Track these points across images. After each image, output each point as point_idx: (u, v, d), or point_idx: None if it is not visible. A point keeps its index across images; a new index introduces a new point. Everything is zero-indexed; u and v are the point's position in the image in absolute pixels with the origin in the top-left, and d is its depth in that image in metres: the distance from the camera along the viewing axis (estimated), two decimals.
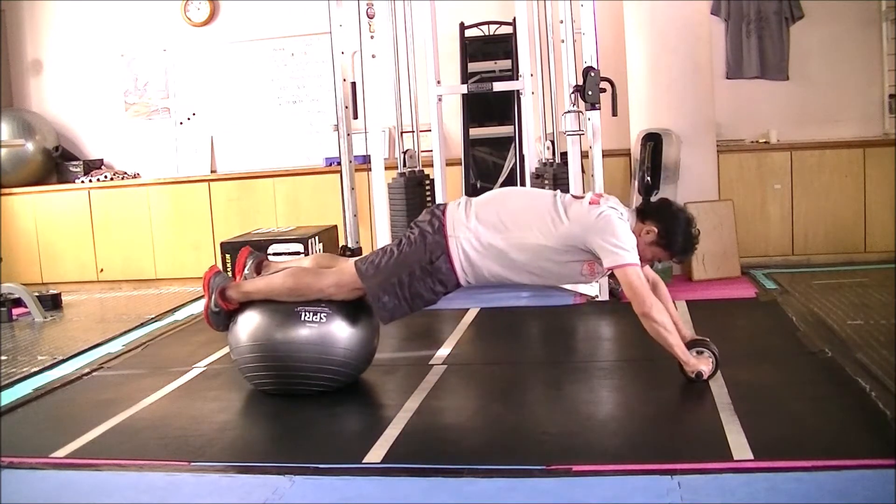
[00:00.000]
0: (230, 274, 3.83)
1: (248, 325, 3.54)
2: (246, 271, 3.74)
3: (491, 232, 3.38)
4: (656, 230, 3.40)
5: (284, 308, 3.47)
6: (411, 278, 3.39)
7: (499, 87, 5.83)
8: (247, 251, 3.83)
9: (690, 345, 3.47)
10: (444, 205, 3.55)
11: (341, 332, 3.48)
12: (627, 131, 5.91)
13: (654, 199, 5.53)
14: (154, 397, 3.69)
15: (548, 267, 3.41)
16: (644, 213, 3.47)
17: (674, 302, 4.90)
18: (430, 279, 3.40)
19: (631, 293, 3.32)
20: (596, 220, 3.32)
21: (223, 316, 3.63)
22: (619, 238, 3.29)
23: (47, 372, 4.24)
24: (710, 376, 3.42)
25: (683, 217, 3.51)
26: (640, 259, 3.40)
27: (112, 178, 6.92)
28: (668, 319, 3.37)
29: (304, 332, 3.44)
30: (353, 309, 3.53)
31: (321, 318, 3.45)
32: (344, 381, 3.56)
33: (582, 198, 3.48)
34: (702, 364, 3.39)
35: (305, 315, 3.44)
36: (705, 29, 5.76)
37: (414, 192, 5.73)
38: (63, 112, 7.27)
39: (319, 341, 3.45)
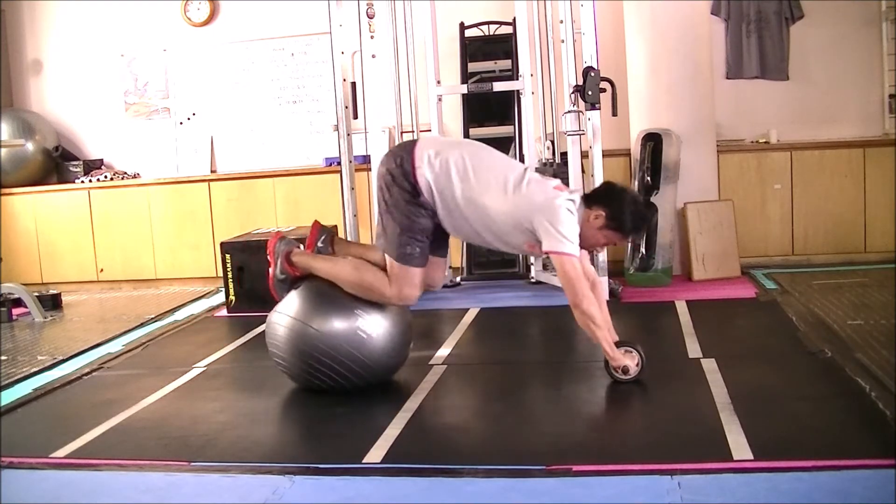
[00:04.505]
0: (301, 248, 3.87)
1: (293, 306, 3.53)
2: (320, 244, 3.75)
3: (453, 175, 3.41)
4: (604, 213, 3.43)
5: (344, 307, 3.48)
6: (410, 219, 3.43)
7: (499, 87, 5.83)
8: (318, 224, 3.85)
9: (619, 344, 3.52)
10: (415, 141, 3.56)
11: (379, 345, 3.50)
12: (627, 131, 5.91)
13: (653, 198, 5.55)
14: (154, 397, 3.69)
15: (488, 227, 3.44)
16: (589, 199, 3.49)
17: (674, 302, 4.95)
18: (415, 206, 3.43)
19: (565, 282, 3.38)
20: (549, 203, 3.36)
21: (288, 283, 3.64)
22: (564, 227, 3.33)
23: (47, 372, 4.24)
24: (636, 377, 3.47)
25: (629, 196, 3.54)
26: (595, 244, 3.51)
27: (112, 178, 6.92)
28: (599, 314, 3.43)
29: (347, 333, 3.45)
30: (398, 324, 3.57)
31: (372, 334, 3.47)
32: (362, 385, 3.56)
33: (550, 180, 3.53)
34: (627, 360, 3.46)
35: (362, 325, 3.46)
36: (705, 29, 5.77)
37: None
38: (63, 112, 7.26)
39: (357, 347, 3.46)
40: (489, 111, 6.17)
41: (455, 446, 3.03)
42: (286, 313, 3.53)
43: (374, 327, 3.49)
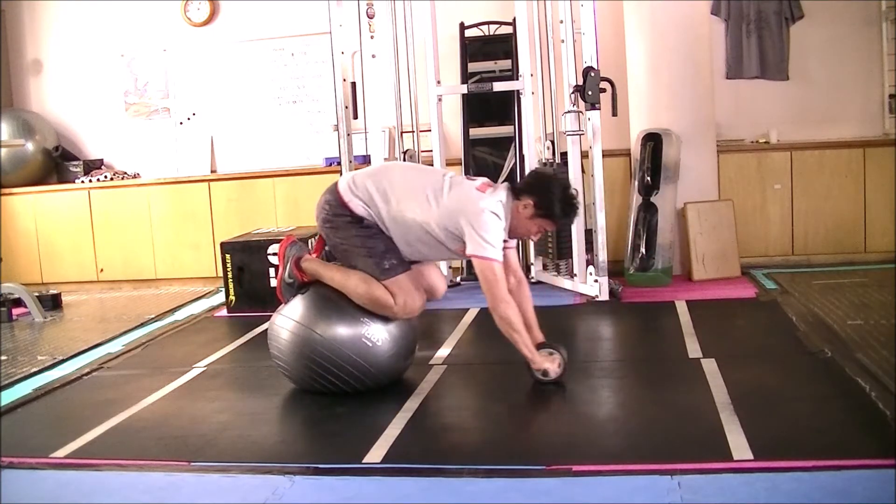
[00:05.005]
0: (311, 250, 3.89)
1: (298, 310, 3.54)
2: (328, 248, 3.77)
3: (376, 200, 3.48)
4: (532, 202, 3.44)
5: (348, 311, 3.48)
6: (369, 244, 3.50)
7: (499, 87, 5.83)
8: None
9: (542, 346, 3.57)
10: (335, 183, 3.63)
11: (384, 352, 3.50)
12: (627, 131, 5.91)
13: (653, 198, 5.55)
14: (154, 397, 3.69)
15: (423, 240, 3.48)
16: (517, 191, 3.50)
17: (674, 302, 4.95)
18: (365, 230, 3.50)
19: (484, 286, 3.41)
20: (473, 206, 3.38)
21: (295, 288, 3.66)
22: (489, 233, 3.36)
23: (47, 372, 4.24)
24: (559, 379, 3.52)
25: (557, 183, 3.56)
26: (527, 233, 3.52)
27: (112, 178, 6.92)
28: (517, 318, 3.46)
29: (351, 340, 3.45)
30: (401, 331, 3.57)
31: (378, 341, 3.48)
32: (363, 389, 3.55)
33: (473, 180, 3.56)
34: (547, 363, 3.50)
35: (368, 333, 3.46)
36: (705, 29, 5.76)
37: None
38: (63, 112, 7.26)
39: (360, 353, 3.46)
40: (489, 111, 6.17)
41: (455, 446, 3.03)
42: (290, 317, 3.53)
43: (380, 334, 3.49)
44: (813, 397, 3.22)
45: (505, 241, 3.51)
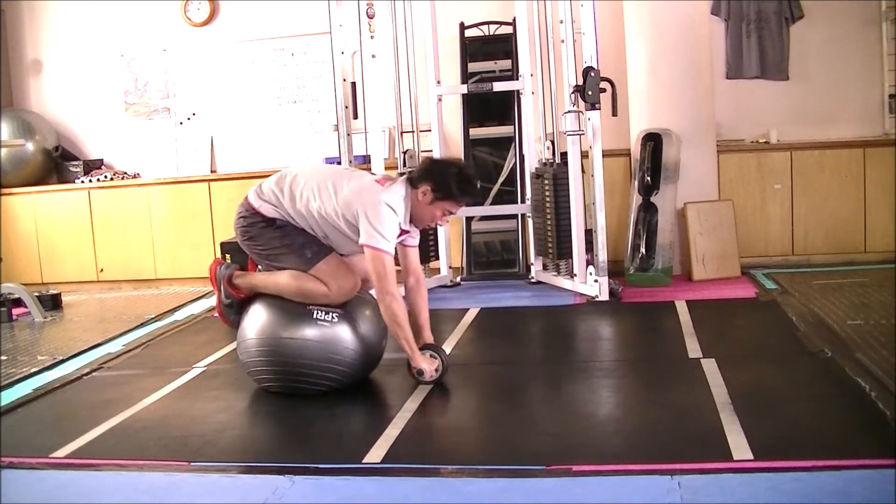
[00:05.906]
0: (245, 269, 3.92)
1: (258, 321, 3.57)
2: (261, 266, 3.80)
3: (281, 199, 3.56)
4: (430, 187, 3.49)
5: (295, 307, 3.52)
6: (288, 242, 3.57)
7: (499, 87, 5.83)
8: None
9: (426, 347, 3.61)
10: (245, 197, 3.71)
11: (349, 333, 3.52)
12: (627, 131, 5.91)
13: (653, 198, 5.55)
14: (154, 397, 3.69)
15: (329, 232, 3.55)
16: (412, 180, 3.55)
17: (674, 302, 4.95)
18: (279, 229, 3.58)
19: (374, 277, 3.46)
20: (372, 197, 3.43)
21: (236, 307, 3.70)
22: (383, 226, 3.41)
23: (47, 372, 4.24)
24: (435, 381, 3.57)
25: (451, 165, 3.64)
26: (433, 219, 3.57)
27: (112, 178, 6.92)
28: (403, 312, 3.50)
29: (313, 331, 3.48)
30: (362, 311, 3.60)
31: (333, 318, 3.50)
32: (349, 380, 3.57)
33: (374, 174, 3.64)
34: (424, 363, 3.55)
35: (317, 314, 3.50)
36: (705, 29, 5.77)
37: None
38: (63, 112, 7.26)
39: (328, 341, 3.48)
40: (489, 111, 6.17)
41: (455, 446, 3.03)
42: (251, 336, 3.56)
43: (335, 315, 3.51)
44: (813, 397, 3.22)
45: (408, 232, 3.59)
